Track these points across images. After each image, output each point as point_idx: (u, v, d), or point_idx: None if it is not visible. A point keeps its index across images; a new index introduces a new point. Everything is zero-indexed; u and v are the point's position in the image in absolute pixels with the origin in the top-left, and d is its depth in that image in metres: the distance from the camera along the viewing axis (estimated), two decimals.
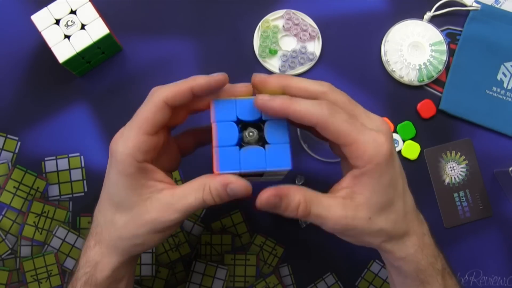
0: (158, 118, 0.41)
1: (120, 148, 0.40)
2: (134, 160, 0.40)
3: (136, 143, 0.40)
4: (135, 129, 0.41)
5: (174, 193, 0.41)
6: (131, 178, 0.40)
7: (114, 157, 0.41)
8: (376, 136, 0.39)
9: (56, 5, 0.54)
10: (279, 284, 0.59)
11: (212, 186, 0.41)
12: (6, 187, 0.58)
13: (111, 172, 0.42)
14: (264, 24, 0.60)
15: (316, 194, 0.41)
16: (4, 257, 0.58)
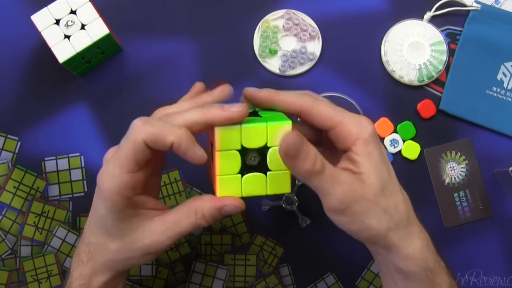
0: (140, 157, 0.40)
1: (106, 185, 0.40)
2: (122, 197, 0.40)
3: (123, 181, 0.40)
4: (118, 167, 0.40)
5: (165, 220, 0.42)
6: (120, 212, 0.41)
7: (101, 192, 0.40)
8: (358, 118, 0.41)
9: (56, 5, 0.54)
10: (279, 284, 0.59)
11: (206, 211, 0.41)
12: (6, 187, 0.58)
13: (99, 205, 0.41)
14: (264, 24, 0.60)
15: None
16: (4, 257, 0.58)
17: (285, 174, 0.41)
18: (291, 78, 0.60)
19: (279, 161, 0.39)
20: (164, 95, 0.59)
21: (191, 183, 0.59)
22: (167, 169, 0.59)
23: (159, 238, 0.41)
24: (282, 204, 0.58)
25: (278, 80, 0.60)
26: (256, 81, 0.60)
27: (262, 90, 0.43)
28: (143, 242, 0.42)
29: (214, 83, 0.46)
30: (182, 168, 0.59)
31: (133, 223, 0.42)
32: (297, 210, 0.58)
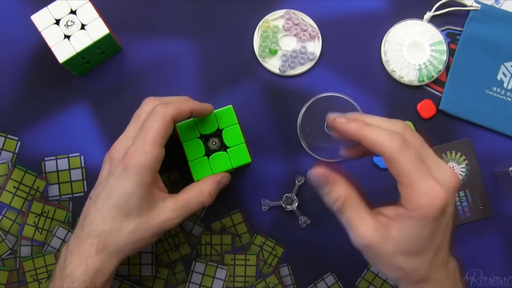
0: (168, 132, 0.47)
1: (138, 161, 0.46)
2: (152, 171, 0.46)
3: (154, 156, 0.46)
4: (150, 142, 0.46)
5: (177, 200, 0.49)
6: (147, 188, 0.46)
7: (132, 171, 0.45)
8: (435, 188, 0.39)
9: (56, 5, 0.54)
10: (279, 284, 0.59)
11: (210, 189, 0.50)
12: (6, 187, 0.58)
13: (126, 185, 0.46)
14: (264, 24, 0.60)
15: (359, 202, 0.43)
16: (4, 257, 0.58)
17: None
18: (291, 78, 0.60)
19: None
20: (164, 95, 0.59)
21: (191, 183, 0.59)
22: (167, 170, 0.59)
23: (171, 215, 0.48)
24: (282, 204, 0.58)
25: (278, 80, 0.60)
26: (256, 81, 0.60)
27: (350, 122, 0.42)
28: (159, 219, 0.47)
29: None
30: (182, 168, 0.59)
31: (152, 201, 0.47)
32: (297, 210, 0.58)
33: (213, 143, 0.52)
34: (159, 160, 0.47)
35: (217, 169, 0.51)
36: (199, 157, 0.52)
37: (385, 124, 0.42)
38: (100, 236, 0.46)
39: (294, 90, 0.60)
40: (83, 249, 0.46)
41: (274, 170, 0.59)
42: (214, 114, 0.52)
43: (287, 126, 0.60)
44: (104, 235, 0.46)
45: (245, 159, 0.52)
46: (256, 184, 0.59)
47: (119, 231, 0.46)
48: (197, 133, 0.52)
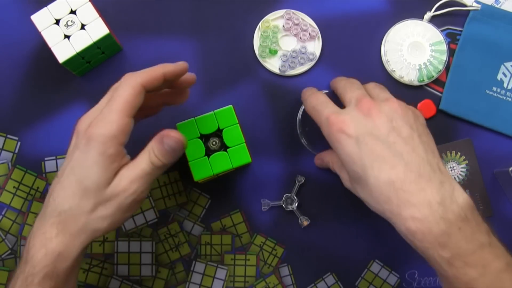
0: (137, 101, 0.44)
1: (103, 130, 0.42)
2: (117, 142, 0.43)
3: (120, 125, 0.43)
4: (116, 112, 0.43)
5: (129, 165, 0.44)
6: (110, 160, 0.43)
7: (94, 140, 0.42)
8: (328, 117, 0.48)
9: (56, 5, 0.54)
10: (279, 284, 0.59)
11: (154, 147, 0.44)
12: (6, 187, 0.58)
13: (88, 157, 0.43)
14: (264, 24, 0.60)
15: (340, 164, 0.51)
16: (4, 257, 0.58)
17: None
18: (291, 78, 0.60)
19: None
20: None
21: (191, 183, 0.59)
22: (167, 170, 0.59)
23: (126, 184, 0.43)
24: (282, 204, 0.58)
25: (278, 80, 0.60)
26: (256, 81, 0.60)
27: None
28: (115, 192, 0.43)
29: None
30: (182, 168, 0.59)
31: (111, 177, 0.43)
32: (297, 210, 0.58)
33: (213, 143, 0.52)
34: (125, 130, 0.43)
35: (217, 169, 0.51)
36: (199, 157, 0.51)
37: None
38: (60, 216, 0.43)
39: (294, 90, 0.60)
40: (44, 230, 0.43)
41: (274, 170, 0.59)
42: (214, 114, 0.52)
43: (287, 126, 0.60)
44: (64, 215, 0.43)
45: (245, 159, 0.52)
46: (256, 184, 0.59)
47: (78, 210, 0.43)
48: (197, 133, 0.52)
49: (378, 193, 0.44)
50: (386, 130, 0.45)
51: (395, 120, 0.46)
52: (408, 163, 0.44)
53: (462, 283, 0.42)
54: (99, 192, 0.43)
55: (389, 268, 0.59)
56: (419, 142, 0.45)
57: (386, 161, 0.44)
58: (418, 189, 0.43)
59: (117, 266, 0.58)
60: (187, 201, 0.59)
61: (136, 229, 0.59)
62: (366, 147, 0.45)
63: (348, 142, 0.46)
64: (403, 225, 0.43)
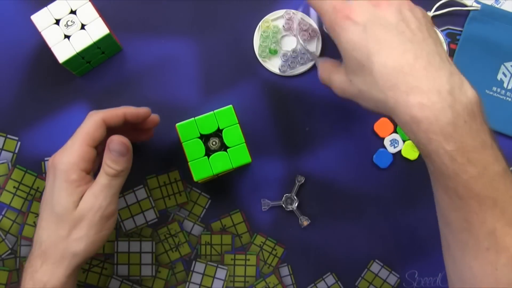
0: (98, 133, 0.48)
1: (65, 159, 0.47)
2: (78, 168, 0.47)
3: (80, 153, 0.47)
4: (78, 142, 0.47)
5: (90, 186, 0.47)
6: (74, 185, 0.46)
7: (58, 169, 0.47)
8: (334, 5, 0.45)
9: (56, 5, 0.54)
10: (279, 284, 0.59)
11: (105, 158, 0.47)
12: (6, 187, 0.58)
13: (55, 185, 0.47)
14: (264, 24, 0.60)
15: (331, 65, 0.50)
16: (4, 257, 0.58)
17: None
18: (291, 78, 0.60)
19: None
20: (164, 95, 0.59)
21: (191, 183, 0.59)
22: (167, 169, 0.59)
23: (91, 201, 0.46)
24: (282, 204, 0.58)
25: (278, 80, 0.60)
26: (256, 81, 0.60)
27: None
28: (82, 212, 0.46)
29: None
30: (182, 168, 0.59)
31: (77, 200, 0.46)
32: (297, 210, 0.58)
33: (213, 143, 0.52)
34: (85, 158, 0.47)
35: (217, 169, 0.51)
36: (199, 157, 0.51)
37: None
38: (41, 246, 0.46)
39: (294, 90, 0.60)
40: (31, 263, 0.46)
41: (274, 170, 0.59)
42: (214, 114, 0.52)
43: (287, 126, 0.60)
44: (44, 244, 0.46)
45: (245, 159, 0.52)
46: (256, 184, 0.59)
47: (56, 237, 0.46)
48: (197, 133, 0.51)
49: (383, 80, 0.42)
50: (395, 20, 0.43)
51: (404, 12, 0.44)
52: (418, 50, 0.42)
53: (461, 181, 0.41)
54: (70, 216, 0.46)
55: (389, 268, 0.59)
56: (428, 35, 0.44)
57: (394, 47, 0.42)
58: (428, 76, 0.41)
59: (117, 266, 0.58)
60: (187, 201, 0.59)
61: (136, 229, 0.59)
62: (374, 34, 0.43)
63: (354, 28, 0.43)
64: (408, 114, 0.40)
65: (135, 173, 0.58)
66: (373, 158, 0.60)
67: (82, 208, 0.46)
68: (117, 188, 0.48)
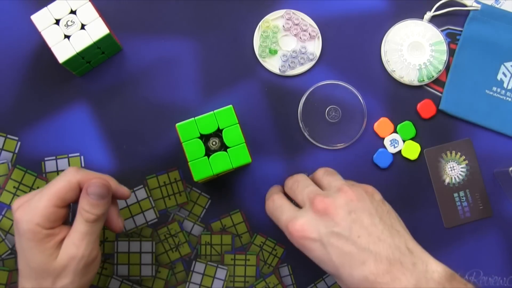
0: (69, 195, 0.46)
1: (27, 217, 0.45)
2: (42, 228, 0.45)
3: (45, 214, 0.45)
4: (45, 200, 0.45)
5: (69, 234, 0.46)
6: (42, 243, 0.45)
7: (21, 227, 0.45)
8: (287, 225, 0.47)
9: (56, 5, 0.54)
10: (279, 284, 0.59)
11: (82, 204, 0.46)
12: (6, 187, 0.58)
13: (22, 242, 0.45)
14: (264, 24, 0.60)
15: None
16: (4, 257, 0.58)
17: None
18: (291, 78, 0.60)
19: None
20: (164, 95, 0.59)
21: (191, 183, 0.59)
22: (167, 169, 0.59)
23: (72, 251, 0.45)
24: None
25: (278, 80, 0.60)
26: (256, 81, 0.60)
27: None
28: (64, 262, 0.45)
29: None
30: (182, 168, 0.59)
31: (54, 253, 0.45)
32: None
33: (213, 143, 0.52)
34: (52, 219, 0.45)
35: (217, 169, 0.51)
36: (199, 157, 0.51)
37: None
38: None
39: (294, 90, 0.60)
40: None
41: (274, 170, 0.59)
42: (214, 114, 0.52)
43: (287, 126, 0.60)
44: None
45: (245, 159, 0.52)
46: (256, 184, 0.59)
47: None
48: (197, 133, 0.51)
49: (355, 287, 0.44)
50: (347, 225, 0.45)
51: (354, 212, 0.45)
52: (376, 255, 0.43)
53: None
54: (49, 269, 0.45)
55: None
56: (382, 228, 0.45)
57: (355, 258, 0.44)
58: (392, 279, 0.43)
59: (117, 266, 0.58)
60: (187, 201, 0.59)
61: (136, 229, 0.59)
62: (332, 248, 0.45)
63: (313, 246, 0.46)
64: None
65: (135, 173, 0.58)
66: (373, 158, 0.60)
67: (63, 259, 0.45)
68: (98, 232, 0.47)
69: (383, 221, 0.46)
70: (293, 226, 0.47)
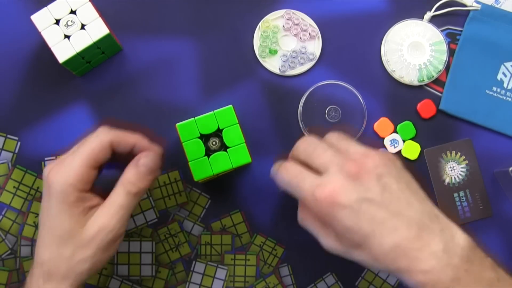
0: (102, 155, 0.45)
1: (61, 178, 0.44)
2: (75, 190, 0.44)
3: (79, 174, 0.44)
4: (78, 161, 0.44)
5: (104, 205, 0.45)
6: (73, 207, 0.44)
7: (53, 188, 0.44)
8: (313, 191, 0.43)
9: (56, 5, 0.54)
10: (279, 284, 0.59)
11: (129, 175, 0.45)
12: (6, 187, 0.58)
13: (51, 205, 0.44)
14: (264, 24, 0.60)
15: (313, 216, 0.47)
16: (4, 257, 0.58)
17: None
18: (291, 78, 0.60)
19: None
20: (164, 95, 0.59)
21: (191, 183, 0.59)
22: (167, 169, 0.59)
23: (104, 222, 0.44)
24: None
25: (278, 80, 0.60)
26: (256, 81, 0.60)
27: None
28: (92, 232, 0.44)
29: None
30: (182, 168, 0.59)
31: (82, 220, 0.44)
32: None
33: (213, 143, 0.52)
34: (84, 180, 0.44)
35: (217, 169, 0.51)
36: (199, 157, 0.51)
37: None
38: (43, 266, 0.44)
39: (294, 90, 0.60)
40: (33, 281, 0.44)
41: None
42: (214, 114, 0.52)
43: (287, 126, 0.60)
44: (46, 265, 0.44)
45: (245, 159, 0.52)
46: (256, 184, 0.59)
47: (60, 258, 0.44)
48: (197, 133, 0.52)
49: (383, 257, 0.42)
50: (378, 191, 0.43)
51: (382, 176, 0.44)
52: (408, 220, 0.42)
53: None
54: (74, 238, 0.44)
55: None
56: (409, 194, 0.44)
57: (387, 225, 0.42)
58: (423, 244, 0.42)
59: (117, 266, 0.58)
60: (187, 201, 0.59)
61: (136, 229, 0.59)
62: (364, 215, 0.42)
63: (343, 213, 0.42)
64: (413, 279, 0.42)
65: None
66: None
67: (92, 228, 0.44)
68: (134, 208, 0.46)
69: (409, 187, 0.44)
70: (322, 192, 0.43)
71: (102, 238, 0.44)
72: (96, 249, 0.44)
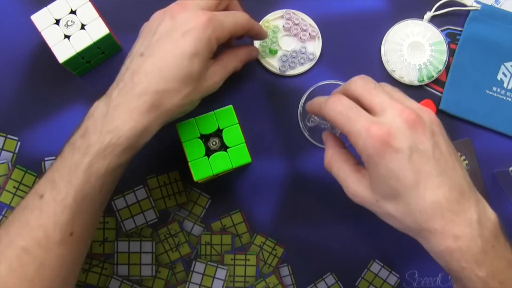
0: (238, 30, 0.50)
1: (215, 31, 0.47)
2: (216, 44, 0.48)
3: (226, 35, 0.48)
4: (232, 24, 0.49)
5: (219, 64, 0.51)
6: (210, 57, 0.48)
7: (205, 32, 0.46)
8: (368, 127, 0.42)
9: (56, 5, 0.54)
10: (279, 284, 0.59)
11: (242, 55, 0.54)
12: (6, 187, 0.58)
13: (188, 45, 0.46)
14: (264, 24, 0.60)
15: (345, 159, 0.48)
16: None
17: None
18: (291, 78, 0.60)
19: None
20: None
21: (191, 183, 0.59)
22: (167, 169, 0.59)
23: (218, 79, 0.50)
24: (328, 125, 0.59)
25: (278, 80, 0.60)
26: (256, 81, 0.60)
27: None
28: (210, 82, 0.49)
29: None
30: (182, 168, 0.59)
31: (206, 67, 0.48)
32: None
33: (213, 143, 0.52)
34: (221, 42, 0.48)
35: (217, 169, 0.51)
36: (199, 157, 0.51)
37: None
38: (156, 94, 0.45)
39: (294, 90, 0.60)
40: (136, 105, 0.45)
41: (274, 170, 0.59)
42: (214, 114, 0.52)
43: (287, 126, 0.60)
44: (161, 94, 0.45)
45: (245, 159, 0.52)
46: (256, 184, 0.59)
47: (177, 93, 0.46)
48: (197, 133, 0.52)
49: (420, 213, 0.42)
50: (431, 145, 0.42)
51: (435, 134, 0.43)
52: (452, 182, 0.42)
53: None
54: (197, 81, 0.47)
55: (389, 268, 0.59)
56: (455, 158, 0.44)
57: (432, 180, 0.42)
58: (460, 209, 0.42)
59: (117, 266, 0.58)
60: (187, 201, 0.59)
61: (136, 229, 0.59)
62: (413, 164, 0.41)
63: (393, 156, 0.41)
64: (443, 245, 0.41)
65: (135, 173, 0.58)
66: None
67: (209, 81, 0.49)
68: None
69: (455, 153, 0.44)
70: (379, 129, 0.41)
71: (209, 91, 0.50)
72: (200, 98, 0.49)
